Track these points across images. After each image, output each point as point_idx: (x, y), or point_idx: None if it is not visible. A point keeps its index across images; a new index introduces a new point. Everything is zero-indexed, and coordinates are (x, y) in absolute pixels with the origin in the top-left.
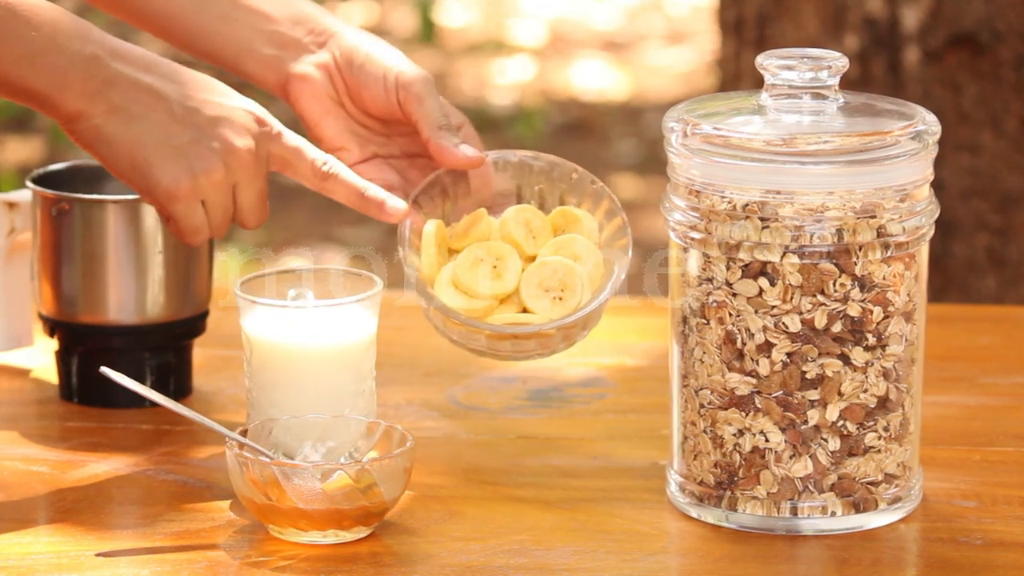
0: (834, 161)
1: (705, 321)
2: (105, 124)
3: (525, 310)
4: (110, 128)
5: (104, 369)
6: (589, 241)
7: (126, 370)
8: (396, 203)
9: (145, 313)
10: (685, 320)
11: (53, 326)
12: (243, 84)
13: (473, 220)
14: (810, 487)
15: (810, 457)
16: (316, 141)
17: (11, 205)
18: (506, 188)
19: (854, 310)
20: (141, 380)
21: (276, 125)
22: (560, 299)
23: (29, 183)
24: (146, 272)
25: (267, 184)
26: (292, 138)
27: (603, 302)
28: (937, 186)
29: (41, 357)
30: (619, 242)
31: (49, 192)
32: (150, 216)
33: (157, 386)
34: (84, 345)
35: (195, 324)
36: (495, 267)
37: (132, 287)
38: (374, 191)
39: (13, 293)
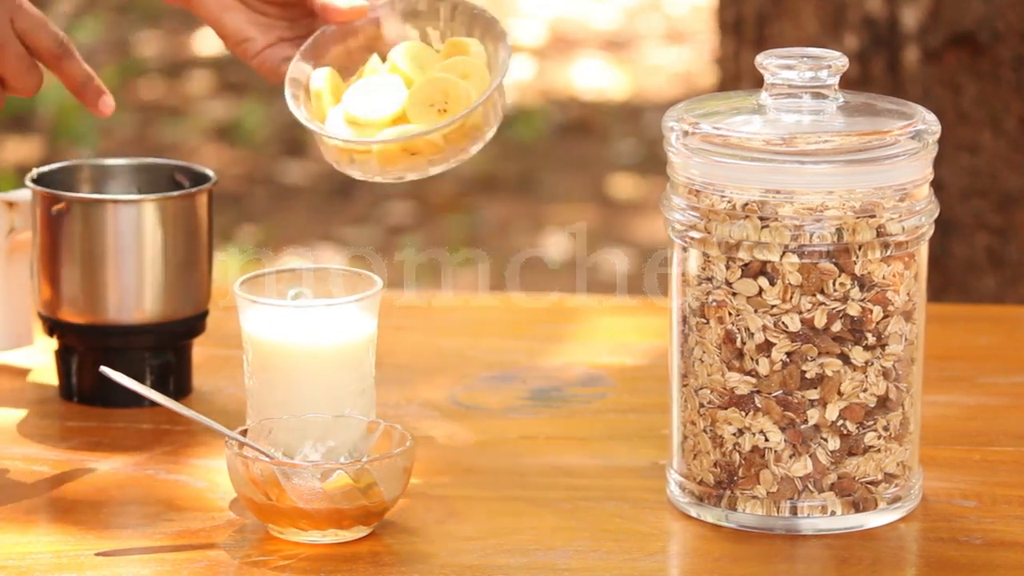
0: (834, 160)
1: (705, 320)
2: None
3: None
4: None
5: (104, 369)
6: (476, 61)
7: (126, 369)
8: (111, 100)
9: (145, 312)
10: (685, 320)
11: (52, 325)
12: None
13: (365, 68)
14: (810, 487)
15: (810, 457)
16: (221, 38)
17: (11, 204)
18: (398, 37)
19: (854, 309)
20: (141, 380)
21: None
22: (444, 111)
23: (28, 182)
24: (145, 271)
25: (23, 50)
26: (34, 9)
27: (481, 103)
28: (937, 186)
29: (41, 356)
30: (500, 53)
31: (48, 191)
32: (150, 216)
33: (157, 386)
34: (83, 345)
35: (195, 324)
36: (381, 95)
37: (132, 286)
38: (99, 81)
39: (13, 292)
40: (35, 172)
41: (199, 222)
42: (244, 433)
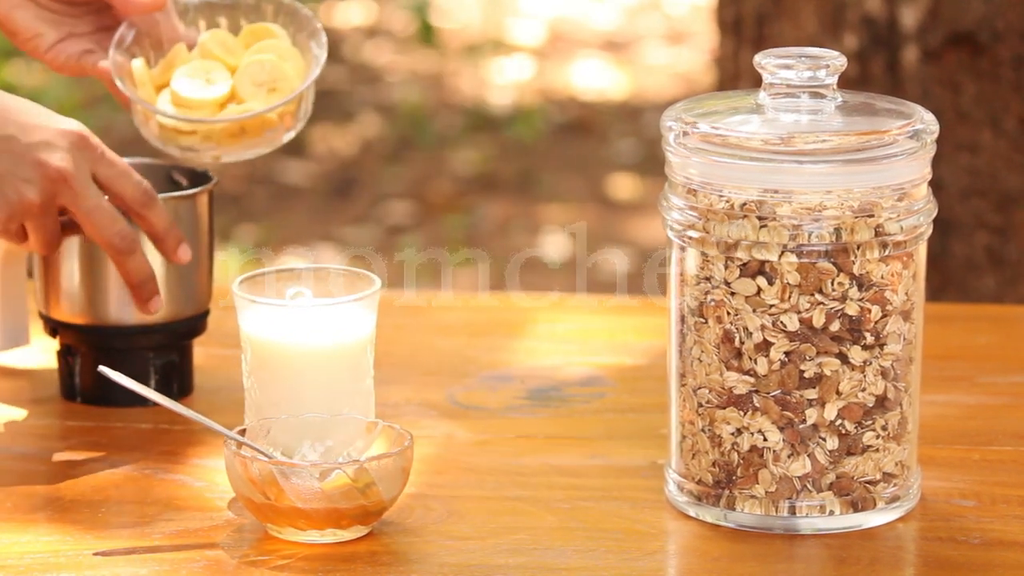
0: (832, 160)
1: (703, 320)
2: None
3: None
4: None
5: (102, 368)
6: (286, 44)
7: (130, 370)
8: (188, 249)
9: (141, 314)
10: (683, 319)
11: (55, 326)
12: None
13: (173, 55)
14: (808, 486)
15: (808, 456)
16: (10, 36)
17: None
18: (196, 34)
19: (852, 309)
20: (145, 380)
21: (100, 145)
22: (274, 90)
23: None
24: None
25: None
26: (116, 159)
27: (311, 83)
28: (936, 185)
29: (40, 356)
30: (311, 39)
31: None
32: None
33: (161, 386)
34: (86, 345)
35: (196, 323)
36: (206, 79)
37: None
38: (178, 230)
39: (10, 293)
40: None
41: (200, 222)
42: (243, 433)
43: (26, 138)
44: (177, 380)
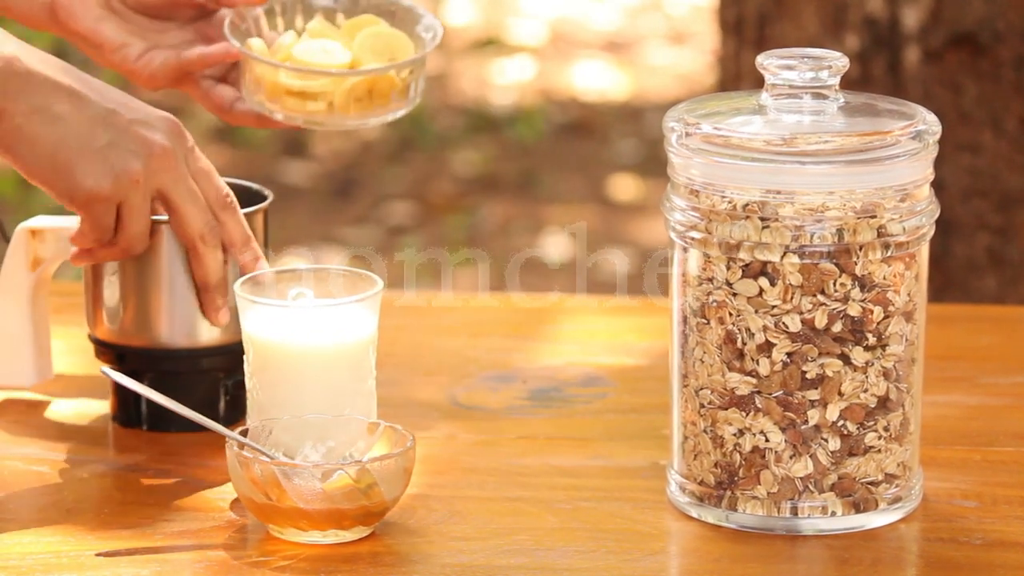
0: (834, 161)
1: (705, 321)
2: (26, 124)
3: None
4: (32, 128)
5: (104, 368)
6: (394, 29)
7: (202, 392)
8: (265, 263)
9: (215, 335)
10: (685, 320)
11: (121, 352)
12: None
13: (276, 47)
14: (810, 487)
15: (810, 457)
16: (96, 49)
17: (34, 233)
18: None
19: (854, 310)
20: (216, 401)
21: (191, 139)
22: (393, 59)
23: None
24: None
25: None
26: (203, 157)
27: (429, 52)
28: (937, 186)
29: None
30: (416, 25)
31: None
32: None
33: (231, 406)
34: (155, 370)
35: None
36: (326, 51)
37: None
38: (256, 244)
39: (39, 327)
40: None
41: (258, 240)
42: (244, 433)
43: (129, 115)
44: (244, 401)
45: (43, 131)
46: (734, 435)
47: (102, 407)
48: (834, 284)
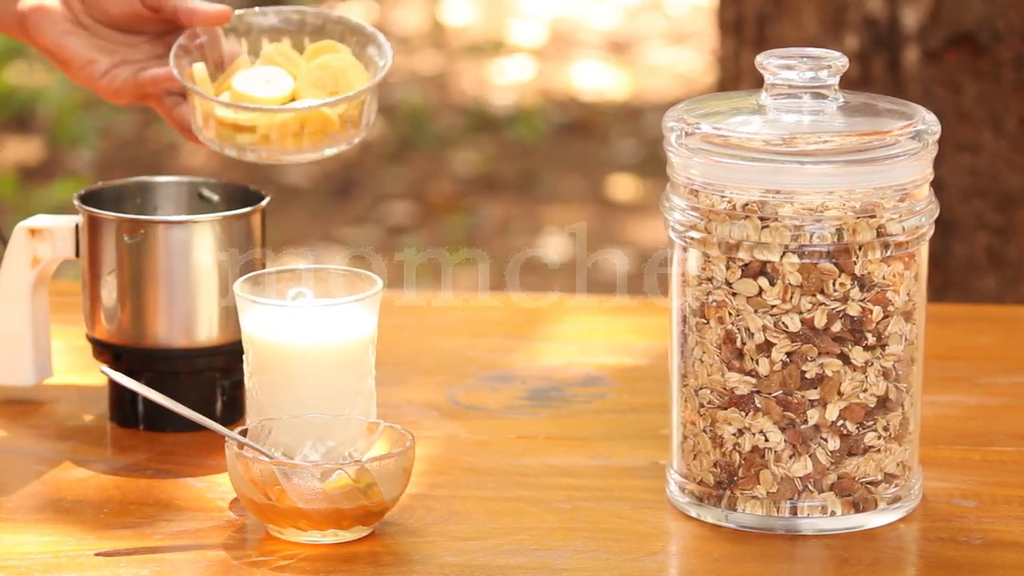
0: (834, 161)
1: (705, 321)
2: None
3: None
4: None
5: (103, 368)
6: (349, 56)
7: (199, 392)
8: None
9: (213, 335)
10: (685, 320)
11: (118, 352)
12: None
13: (233, 68)
14: (810, 487)
15: (810, 457)
16: (63, 64)
17: (34, 232)
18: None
19: (854, 310)
20: (213, 401)
21: None
22: (335, 93)
23: (94, 209)
24: (212, 294)
25: None
26: None
27: (374, 86)
28: (937, 186)
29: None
30: (374, 49)
31: (126, 216)
32: (219, 234)
33: (227, 407)
34: (152, 370)
35: None
36: (268, 81)
37: (206, 308)
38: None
39: (39, 326)
40: (80, 193)
41: (254, 240)
42: (244, 433)
43: None
44: (242, 402)
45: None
46: (733, 435)
47: (101, 407)
48: (833, 284)
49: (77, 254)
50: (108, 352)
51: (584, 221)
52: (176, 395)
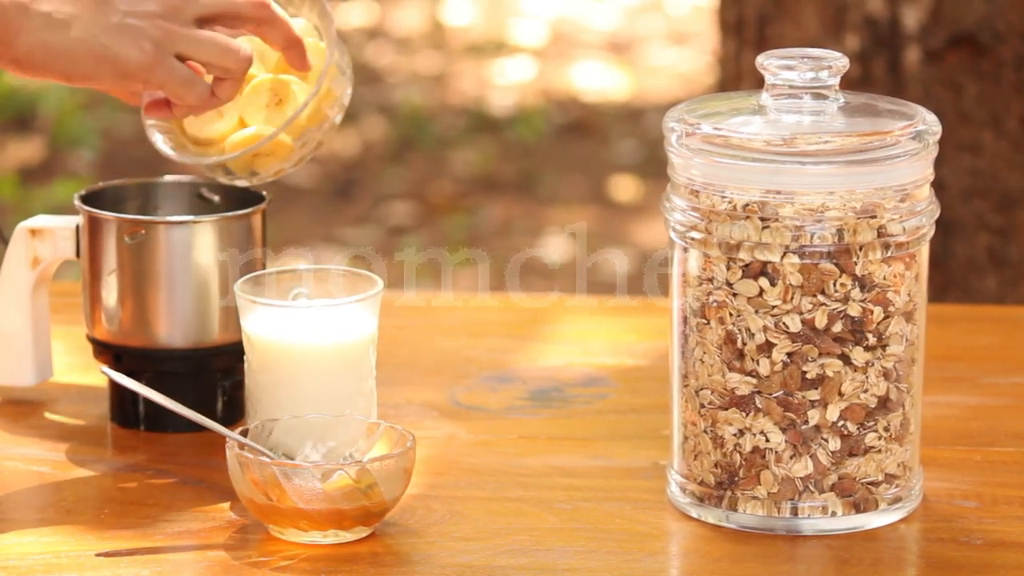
0: (834, 161)
1: (705, 321)
2: (46, 35)
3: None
4: (53, 37)
5: (103, 368)
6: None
7: (199, 393)
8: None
9: (213, 336)
10: (685, 320)
11: (119, 353)
12: None
13: None
14: (810, 487)
15: (810, 457)
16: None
17: (34, 232)
18: None
19: (854, 310)
20: (213, 401)
21: None
22: (280, 101)
23: (95, 209)
24: (213, 294)
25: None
26: None
27: (316, 93)
28: (938, 186)
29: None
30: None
31: (127, 217)
32: (220, 235)
33: (229, 407)
34: (152, 370)
35: None
36: (218, 112)
37: (206, 308)
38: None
39: (39, 326)
40: (81, 193)
41: (254, 240)
42: (244, 433)
43: None
44: (242, 402)
45: (64, 35)
46: (734, 435)
47: (102, 407)
48: (834, 284)
49: (78, 254)
50: (109, 352)
51: (584, 221)
52: (177, 395)
